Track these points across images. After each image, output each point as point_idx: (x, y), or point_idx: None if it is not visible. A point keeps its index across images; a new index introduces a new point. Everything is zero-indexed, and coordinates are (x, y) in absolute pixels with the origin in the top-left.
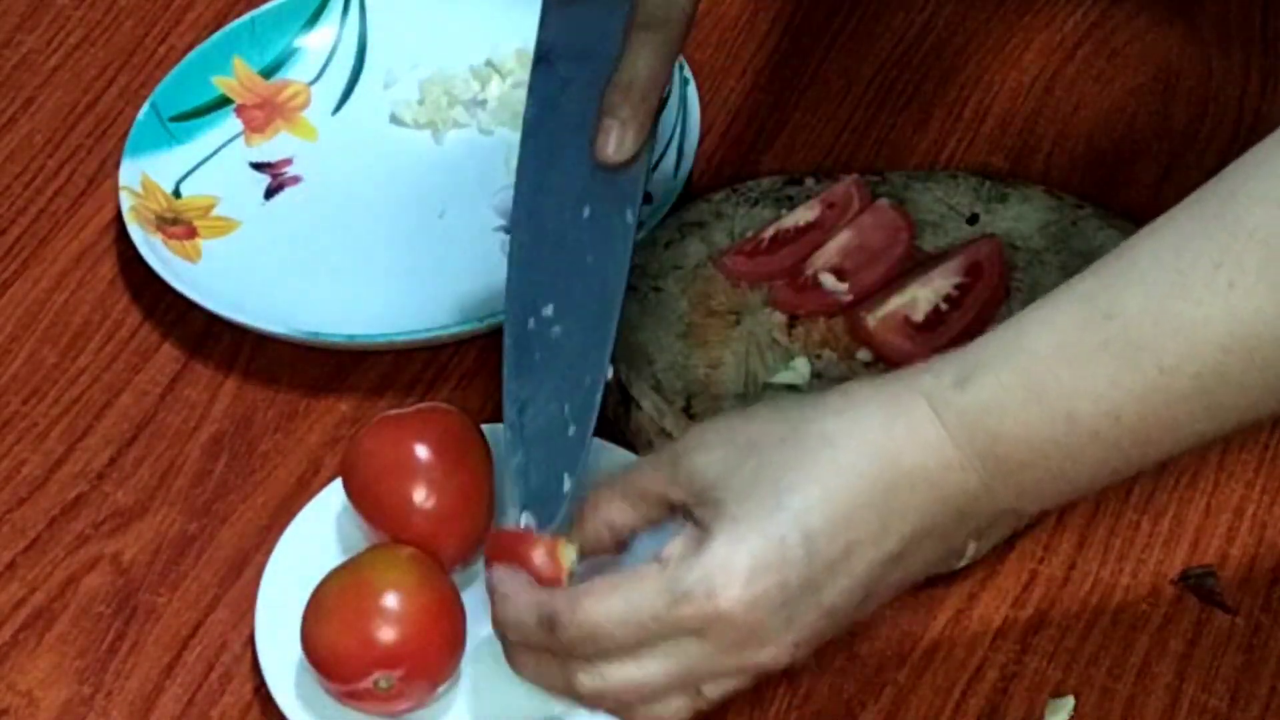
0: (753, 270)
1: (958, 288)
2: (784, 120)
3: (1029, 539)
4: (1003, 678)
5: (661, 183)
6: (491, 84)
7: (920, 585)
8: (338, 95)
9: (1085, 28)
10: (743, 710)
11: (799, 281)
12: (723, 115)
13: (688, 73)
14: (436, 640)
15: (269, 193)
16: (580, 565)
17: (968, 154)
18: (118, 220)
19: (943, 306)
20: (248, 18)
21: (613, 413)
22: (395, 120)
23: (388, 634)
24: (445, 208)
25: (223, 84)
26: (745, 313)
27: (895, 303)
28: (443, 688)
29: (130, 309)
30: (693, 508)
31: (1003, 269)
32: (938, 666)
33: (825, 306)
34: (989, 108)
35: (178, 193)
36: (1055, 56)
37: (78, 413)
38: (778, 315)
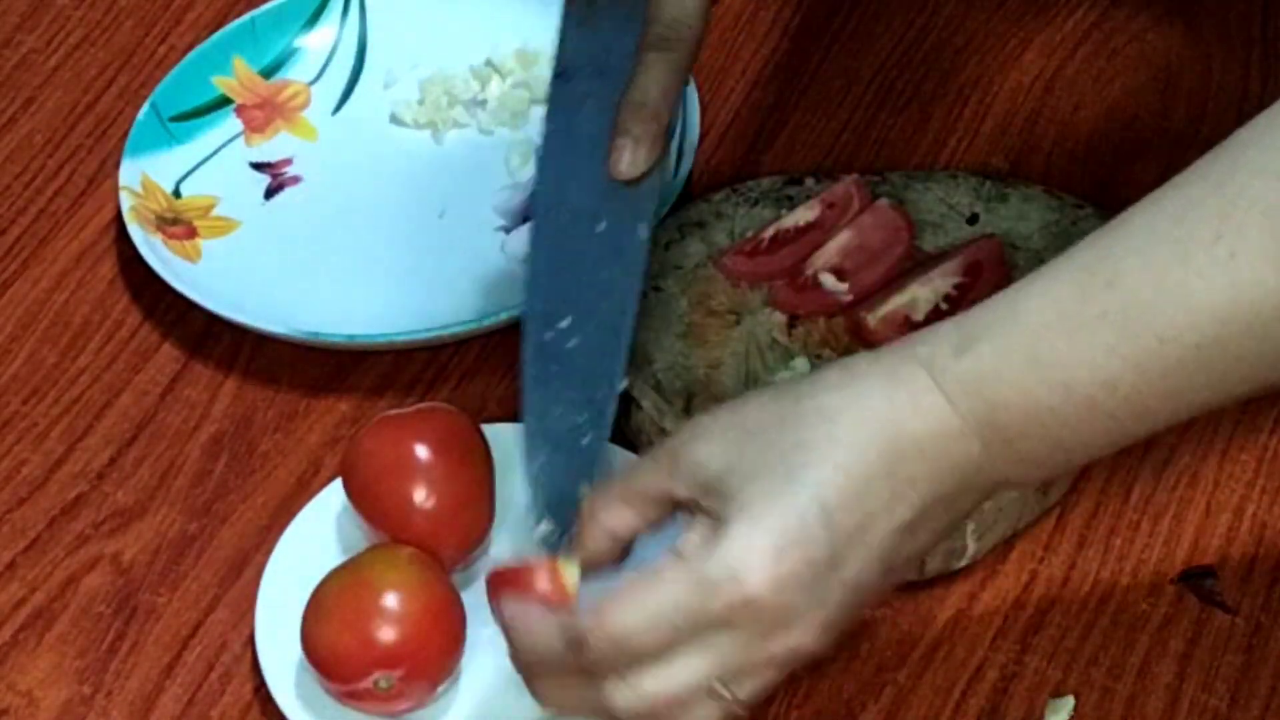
0: (753, 270)
1: (957, 288)
2: (784, 120)
3: (1029, 539)
4: (1003, 678)
5: (661, 183)
6: (491, 84)
7: (920, 585)
8: (338, 95)
9: (1085, 28)
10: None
11: (799, 281)
12: (723, 115)
13: None
14: (436, 640)
15: (269, 193)
16: (583, 584)
17: (968, 154)
18: (118, 220)
19: (943, 306)
20: (248, 18)
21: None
22: (395, 120)
23: (388, 634)
24: (445, 208)
25: (223, 84)
26: (745, 313)
27: (895, 303)
28: (443, 688)
29: (130, 309)
30: (700, 500)
31: (1003, 269)
32: (938, 666)
33: (825, 306)
34: (989, 108)
35: (178, 193)
36: (1055, 56)
37: (78, 413)
38: (778, 315)
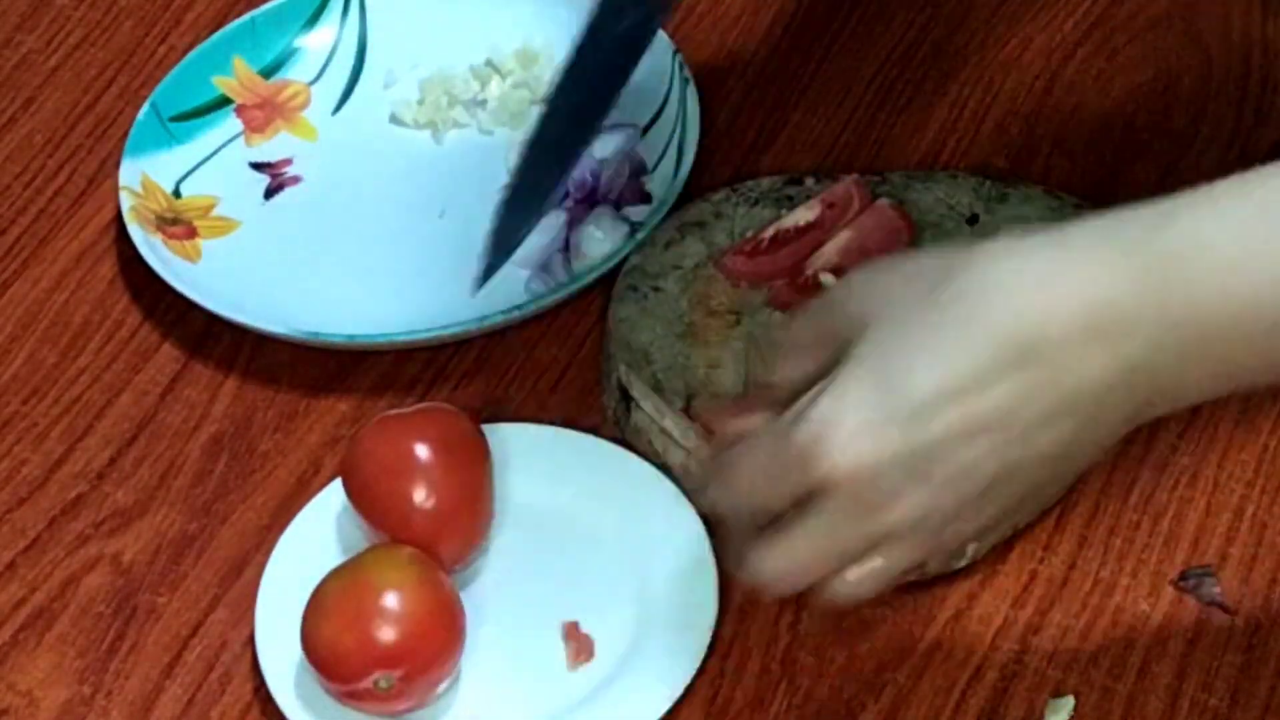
0: (753, 270)
1: None
2: (784, 120)
3: (1029, 539)
4: (1003, 678)
5: (661, 183)
6: (491, 84)
7: (920, 585)
8: (338, 95)
9: (1085, 28)
10: (743, 711)
11: (799, 281)
12: (723, 115)
13: (687, 73)
14: (436, 640)
15: (269, 193)
16: None
17: (968, 154)
18: (118, 220)
19: None
20: (248, 18)
21: (613, 413)
22: (395, 120)
23: (388, 634)
24: (445, 208)
25: (223, 84)
26: (745, 313)
27: None
28: (443, 688)
29: (130, 309)
30: (845, 336)
31: None
32: (938, 666)
33: None
34: (989, 108)
35: (178, 193)
36: (1055, 56)
37: (78, 413)
38: (778, 315)
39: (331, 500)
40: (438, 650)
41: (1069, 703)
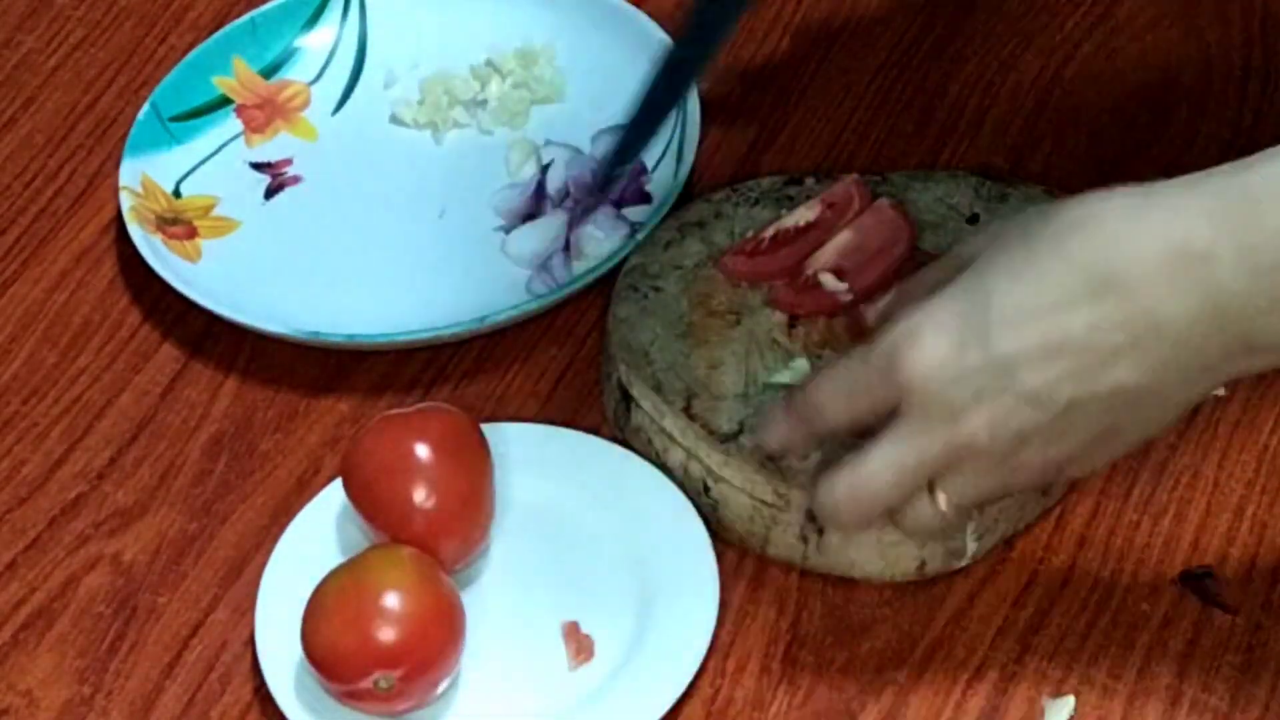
0: (753, 270)
1: None
2: (784, 120)
3: (1029, 539)
4: (1003, 678)
5: (661, 183)
6: (491, 84)
7: (920, 585)
8: (338, 95)
9: (1085, 28)
10: (743, 711)
11: (799, 281)
12: (723, 115)
13: None
14: (436, 640)
15: (269, 193)
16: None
17: (968, 154)
18: (118, 220)
19: None
20: (248, 18)
21: (613, 413)
22: (395, 120)
23: (388, 634)
24: (445, 208)
25: (223, 84)
26: (745, 313)
27: None
28: (443, 688)
29: (130, 309)
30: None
31: None
32: (938, 666)
33: (825, 306)
34: (989, 108)
35: (178, 193)
36: (1055, 56)
37: (78, 413)
38: (778, 315)
39: (331, 500)
40: (438, 650)
41: (1069, 703)
